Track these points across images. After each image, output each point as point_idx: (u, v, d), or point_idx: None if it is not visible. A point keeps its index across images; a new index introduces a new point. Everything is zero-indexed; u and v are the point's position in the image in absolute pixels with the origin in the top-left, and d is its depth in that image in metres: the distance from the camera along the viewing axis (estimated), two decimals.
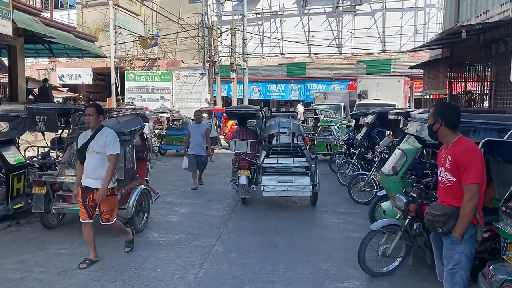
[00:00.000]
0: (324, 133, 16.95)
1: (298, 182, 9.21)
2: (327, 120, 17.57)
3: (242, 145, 9.77)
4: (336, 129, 16.93)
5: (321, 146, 16.83)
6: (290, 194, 9.35)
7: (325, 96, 26.00)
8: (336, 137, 16.59)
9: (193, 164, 11.69)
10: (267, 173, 9.20)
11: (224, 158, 17.26)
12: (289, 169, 9.37)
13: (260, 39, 32.38)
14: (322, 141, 16.83)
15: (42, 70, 37.30)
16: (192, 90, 27.00)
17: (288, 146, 9.54)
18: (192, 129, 11.85)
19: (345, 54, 30.89)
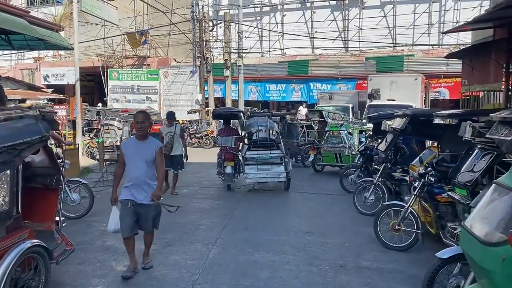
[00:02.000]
0: (333, 140, 13.60)
1: (274, 170, 10.82)
2: (336, 124, 14.11)
3: (228, 140, 11.39)
4: (347, 135, 13.52)
5: (329, 156, 13.55)
6: (268, 180, 11.12)
7: (331, 96, 22.60)
8: (348, 145, 13.21)
9: (128, 221, 5.47)
10: (249, 163, 10.80)
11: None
12: (266, 160, 10.85)
13: (258, 34, 28.96)
14: (330, 150, 13.52)
15: (26, 70, 34.02)
16: (181, 90, 23.66)
17: (266, 140, 11.37)
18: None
19: (352, 51, 27.42)
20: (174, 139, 10.37)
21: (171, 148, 10.28)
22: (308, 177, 13.75)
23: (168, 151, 10.04)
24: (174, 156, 10.46)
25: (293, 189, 11.50)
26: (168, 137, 10.39)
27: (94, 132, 16.94)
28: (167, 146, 10.01)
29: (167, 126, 10.67)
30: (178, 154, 10.56)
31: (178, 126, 10.81)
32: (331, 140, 13.74)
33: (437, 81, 24.44)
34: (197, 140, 21.52)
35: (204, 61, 22.40)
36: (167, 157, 9.53)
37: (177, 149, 10.49)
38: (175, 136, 10.43)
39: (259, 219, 8.51)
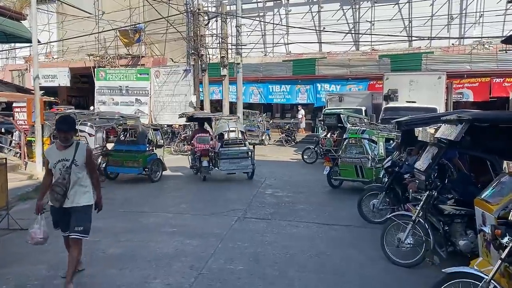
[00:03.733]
0: (352, 150, 10.91)
1: (243, 163, 12.62)
2: (356, 130, 11.27)
3: (205, 139, 13.18)
4: (370, 144, 10.61)
5: (348, 169, 10.89)
6: (238, 172, 12.84)
7: (341, 98, 19.64)
8: (371, 156, 10.35)
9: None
10: (222, 158, 12.47)
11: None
12: (237, 155, 12.60)
13: (261, 30, 26.06)
14: (349, 161, 10.79)
15: (16, 71, 31.40)
16: (174, 91, 20.80)
17: (235, 139, 13.30)
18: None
19: (364, 46, 24.42)
20: (70, 176, 5.05)
21: (63, 195, 5.03)
22: (320, 195, 10.85)
23: (59, 200, 5.04)
24: (72, 210, 5.14)
25: (296, 216, 8.60)
26: (59, 169, 5.08)
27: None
28: (56, 192, 5.02)
29: (58, 148, 5.17)
30: (80, 205, 5.15)
31: (82, 146, 5.24)
32: (351, 150, 10.97)
33: (459, 81, 21.40)
34: (189, 147, 18.60)
35: (199, 59, 19.56)
36: (58, 212, 5.17)
37: (76, 195, 5.13)
38: (73, 168, 5.07)
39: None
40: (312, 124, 25.51)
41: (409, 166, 8.08)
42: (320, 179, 12.98)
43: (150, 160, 12.26)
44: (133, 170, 12.03)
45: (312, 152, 16.78)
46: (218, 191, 11.10)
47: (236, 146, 12.79)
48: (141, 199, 10.28)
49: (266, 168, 15.42)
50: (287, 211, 9.08)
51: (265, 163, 16.66)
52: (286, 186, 11.89)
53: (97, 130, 13.45)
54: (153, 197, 10.49)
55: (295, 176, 13.67)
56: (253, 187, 11.64)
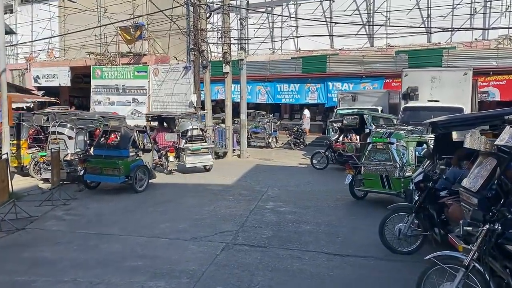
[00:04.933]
0: (377, 156, 9.14)
1: (205, 157, 13.68)
2: (381, 134, 9.37)
3: (172, 136, 14.40)
4: (398, 150, 8.92)
5: (372, 179, 9.13)
6: (201, 165, 13.77)
7: (355, 97, 17.64)
8: (399, 164, 8.70)
9: None
10: (188, 153, 13.35)
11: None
12: (199, 150, 13.59)
13: (268, 26, 24.15)
14: (373, 170, 9.05)
15: (16, 70, 29.93)
16: (173, 90, 18.98)
17: (197, 136, 13.91)
18: None
19: (379, 39, 22.36)
20: None
21: None
22: (331, 210, 8.90)
23: None
24: None
25: (300, 241, 6.71)
26: None
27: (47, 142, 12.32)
28: None
29: None
30: None
31: None
32: (375, 156, 9.21)
33: (485, 79, 19.23)
34: None
35: (199, 55, 17.72)
36: None
37: None
38: None
39: None
40: (323, 126, 23.50)
41: (447, 181, 6.13)
42: (331, 189, 11.10)
43: (134, 167, 10.45)
44: (113, 179, 10.21)
45: (322, 156, 14.82)
46: (209, 205, 9.22)
47: (198, 142, 13.72)
48: (115, 215, 8.46)
49: (270, 175, 13.52)
50: (289, 234, 7.17)
51: (269, 169, 14.77)
52: (290, 199, 9.97)
53: (78, 132, 11.72)
54: (130, 212, 8.66)
55: (302, 185, 11.74)
56: (252, 200, 9.74)
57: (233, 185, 11.76)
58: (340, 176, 13.60)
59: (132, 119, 20.23)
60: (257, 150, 19.92)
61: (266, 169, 14.88)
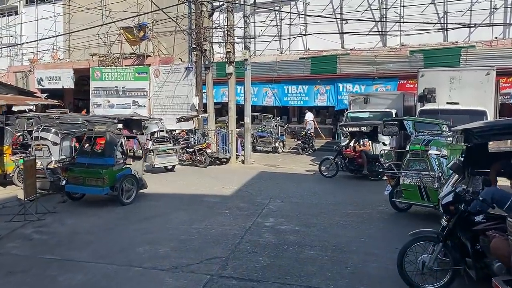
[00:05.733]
0: (415, 165, 8.22)
1: (170, 157, 14.24)
2: (419, 141, 8.45)
3: (142, 138, 14.17)
4: (438, 159, 8.01)
5: (410, 190, 8.37)
6: (168, 165, 14.31)
7: (367, 99, 16.33)
8: (437, 174, 7.81)
9: None
10: (156, 154, 13.76)
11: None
12: (165, 151, 14.09)
13: (276, 25, 22.93)
14: (411, 180, 8.30)
15: (20, 72, 29.13)
16: (175, 92, 17.86)
17: (163, 138, 14.60)
18: None
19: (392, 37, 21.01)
20: None
21: None
22: (340, 228, 7.66)
23: None
24: None
25: (301, 273, 5.50)
26: None
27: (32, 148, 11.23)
28: None
29: None
30: None
31: None
32: (414, 165, 8.28)
33: (506, 80, 17.80)
34: (189, 156, 15.69)
35: (201, 55, 16.59)
36: None
37: None
38: None
39: None
40: (333, 130, 22.19)
41: (483, 203, 4.85)
42: (340, 201, 9.85)
43: (120, 176, 9.30)
44: (96, 190, 9.07)
45: (331, 163, 13.55)
46: (200, 221, 8.03)
47: (164, 143, 14.30)
48: (91, 234, 7.30)
49: (274, 183, 12.30)
50: (289, 262, 5.94)
51: (274, 177, 13.54)
52: (294, 213, 8.73)
53: (64, 137, 10.62)
54: (108, 230, 7.50)
55: (308, 197, 10.50)
56: (250, 215, 8.52)
57: (231, 196, 10.55)
58: (351, 185, 12.39)
59: None
60: (263, 155, 18.70)
61: (270, 176, 13.65)
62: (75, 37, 25.76)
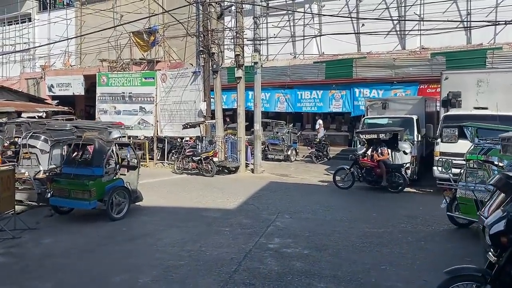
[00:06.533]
0: (474, 176, 7.41)
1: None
2: (478, 150, 7.68)
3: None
4: (499, 171, 6.78)
5: (467, 204, 7.35)
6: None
7: (385, 104, 15.05)
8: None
9: None
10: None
11: None
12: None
13: (289, 26, 21.84)
14: (467, 193, 7.30)
15: (31, 79, 28.65)
16: (182, 97, 16.87)
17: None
18: None
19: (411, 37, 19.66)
20: None
21: None
22: (356, 251, 6.47)
23: None
24: None
25: None
26: None
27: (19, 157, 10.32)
28: None
29: None
30: None
31: None
32: (471, 177, 7.39)
33: None
34: (195, 165, 14.65)
35: (209, 58, 15.59)
36: None
37: None
38: None
39: None
40: (349, 137, 20.92)
41: None
42: (356, 217, 8.67)
43: (110, 188, 8.25)
44: (82, 204, 8.03)
45: (347, 174, 12.34)
46: (195, 242, 6.92)
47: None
48: (66, 257, 6.25)
49: (284, 195, 11.15)
50: None
51: (285, 188, 12.39)
52: (303, 232, 7.56)
53: (54, 145, 9.67)
54: (87, 253, 6.43)
55: (320, 212, 9.31)
56: (253, 234, 7.38)
57: (235, 210, 9.43)
58: (368, 198, 11.13)
59: (139, 130, 18.27)
60: (274, 163, 17.55)
61: (280, 187, 12.50)
62: (87, 41, 25.27)
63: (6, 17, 32.28)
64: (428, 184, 12.49)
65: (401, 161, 12.55)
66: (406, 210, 9.60)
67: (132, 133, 18.13)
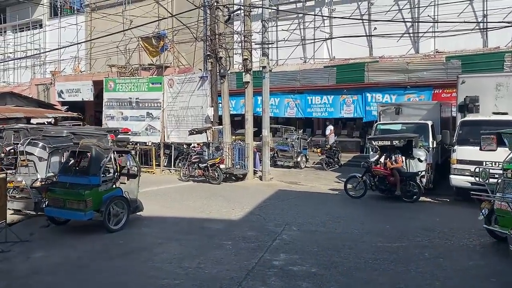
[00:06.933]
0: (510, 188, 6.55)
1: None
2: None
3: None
4: None
5: (505, 216, 6.75)
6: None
7: (398, 109, 14.40)
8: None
9: None
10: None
11: None
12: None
13: (299, 29, 21.34)
14: (505, 206, 6.69)
15: (41, 85, 28.53)
16: (189, 102, 16.45)
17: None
18: None
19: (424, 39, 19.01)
20: None
21: None
22: (382, 267, 5.92)
23: None
24: None
25: None
26: None
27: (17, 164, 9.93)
28: None
29: None
30: None
31: None
32: (509, 187, 6.75)
33: None
34: (201, 172, 14.17)
35: (217, 63, 15.16)
36: None
37: None
38: None
39: None
40: (361, 143, 20.27)
41: None
42: (370, 229, 8.08)
43: (107, 198, 7.79)
44: (77, 215, 7.57)
45: (359, 182, 11.73)
46: (193, 258, 6.40)
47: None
48: (54, 274, 5.79)
49: (292, 205, 10.60)
50: None
51: (293, 196, 11.84)
52: (312, 246, 7.00)
53: (52, 152, 9.26)
54: (77, 269, 5.95)
55: (330, 223, 8.73)
56: (257, 249, 6.84)
57: (239, 221, 8.90)
58: (381, 208, 10.47)
59: (147, 136, 17.88)
60: (283, 170, 16.99)
61: (289, 196, 11.95)
62: (97, 46, 25.05)
63: (18, 23, 32.41)
64: (445, 193, 11.84)
65: (415, 169, 11.91)
66: (421, 221, 8.98)
67: (139, 139, 17.79)
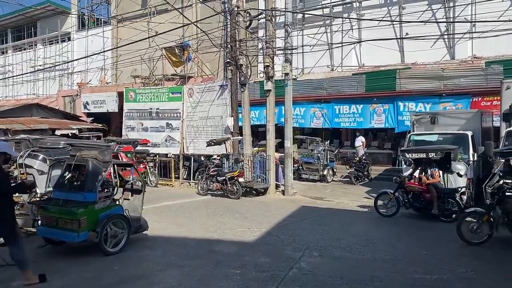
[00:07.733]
0: None
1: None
2: None
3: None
4: None
5: None
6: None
7: (434, 119, 13.07)
8: None
9: None
10: None
11: None
12: None
13: (326, 39, 20.26)
14: None
15: (68, 97, 28.49)
16: (209, 112, 15.62)
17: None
18: None
19: (461, 52, 17.60)
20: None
21: None
22: None
23: None
24: None
25: None
26: None
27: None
28: None
29: None
30: None
31: None
32: None
33: None
34: (219, 185, 13.24)
35: (237, 70, 14.29)
36: None
37: None
38: None
39: None
40: (393, 156, 18.90)
41: None
42: (405, 255, 6.93)
43: (104, 217, 6.92)
44: (70, 236, 6.69)
45: (390, 199, 10.49)
46: None
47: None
48: None
49: (316, 224, 9.47)
50: None
51: (317, 214, 10.69)
52: (335, 278, 5.89)
53: (54, 165, 8.51)
54: None
55: (358, 248, 7.57)
56: (269, 281, 5.78)
57: (254, 243, 7.86)
58: (416, 229, 9.08)
59: (166, 147, 17.16)
60: (309, 184, 15.87)
61: (312, 213, 10.82)
62: (122, 59, 24.80)
63: (47, 36, 32.75)
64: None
65: (454, 185, 10.59)
66: (463, 246, 7.72)
67: (159, 150, 17.13)
